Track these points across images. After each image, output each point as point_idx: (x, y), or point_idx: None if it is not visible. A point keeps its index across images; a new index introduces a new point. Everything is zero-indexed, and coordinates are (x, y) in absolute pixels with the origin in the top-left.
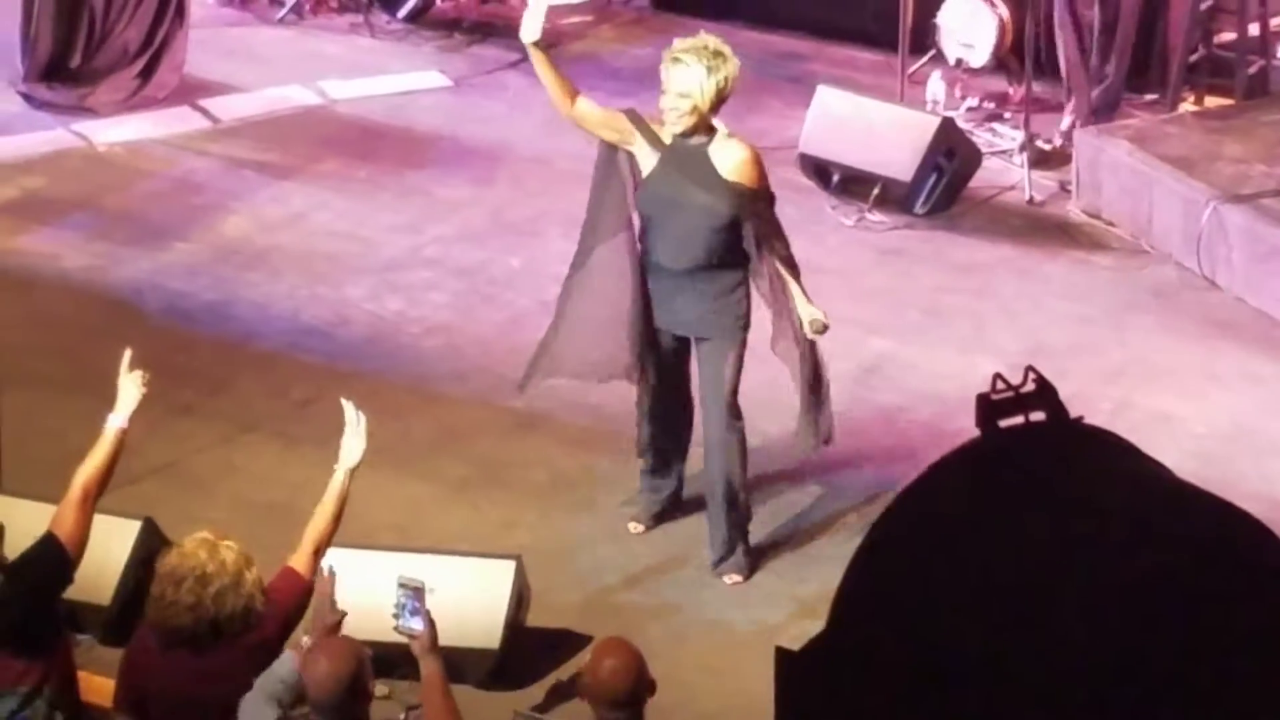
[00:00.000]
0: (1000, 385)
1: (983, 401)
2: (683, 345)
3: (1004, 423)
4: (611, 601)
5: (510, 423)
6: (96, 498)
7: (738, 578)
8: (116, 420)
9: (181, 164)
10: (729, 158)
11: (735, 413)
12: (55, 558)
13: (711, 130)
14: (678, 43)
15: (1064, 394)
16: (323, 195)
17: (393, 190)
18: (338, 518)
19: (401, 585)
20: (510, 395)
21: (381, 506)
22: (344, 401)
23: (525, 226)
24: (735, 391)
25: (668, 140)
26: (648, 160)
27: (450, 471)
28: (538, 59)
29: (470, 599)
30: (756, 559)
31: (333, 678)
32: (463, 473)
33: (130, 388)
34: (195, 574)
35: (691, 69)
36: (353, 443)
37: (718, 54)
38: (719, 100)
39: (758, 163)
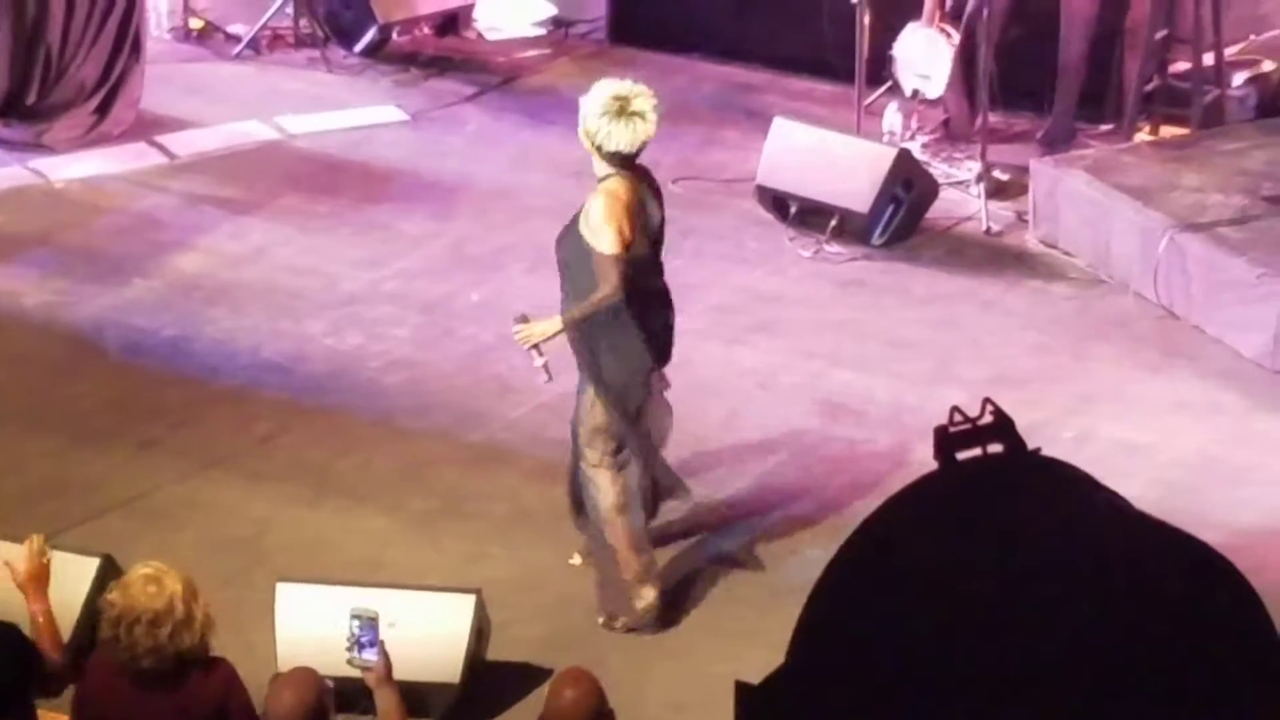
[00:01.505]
0: (958, 418)
1: (940, 434)
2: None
3: (962, 455)
4: (574, 634)
5: (472, 456)
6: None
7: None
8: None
9: (140, 200)
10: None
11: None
12: (18, 654)
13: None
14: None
15: (1026, 424)
16: (283, 230)
17: (353, 225)
18: None
19: (355, 617)
20: (472, 428)
21: (345, 541)
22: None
23: (486, 260)
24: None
25: None
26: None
27: (413, 505)
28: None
29: (430, 633)
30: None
31: (296, 709)
32: (425, 506)
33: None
34: (147, 618)
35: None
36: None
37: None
38: (593, 147)
39: (600, 208)
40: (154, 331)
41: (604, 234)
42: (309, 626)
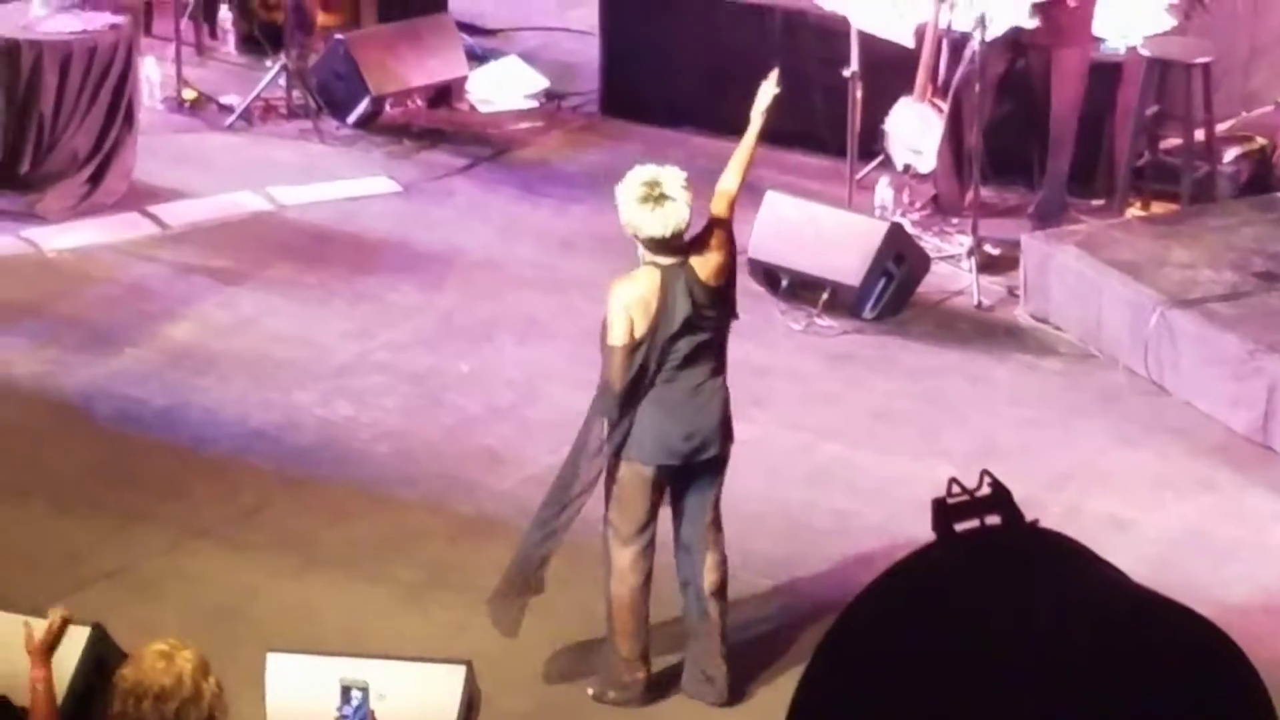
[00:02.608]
0: (955, 489)
1: (938, 505)
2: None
3: (959, 526)
4: (560, 708)
5: (460, 527)
6: None
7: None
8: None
9: (131, 270)
10: None
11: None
12: None
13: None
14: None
15: (1015, 496)
16: (273, 301)
17: (343, 296)
18: None
19: (344, 686)
20: (461, 500)
21: (330, 611)
22: None
23: (476, 331)
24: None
25: None
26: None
27: (400, 575)
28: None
29: (420, 705)
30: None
31: None
32: (413, 577)
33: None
34: (154, 692)
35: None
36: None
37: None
38: (633, 235)
39: (610, 297)
40: (143, 401)
41: (611, 322)
42: (299, 697)
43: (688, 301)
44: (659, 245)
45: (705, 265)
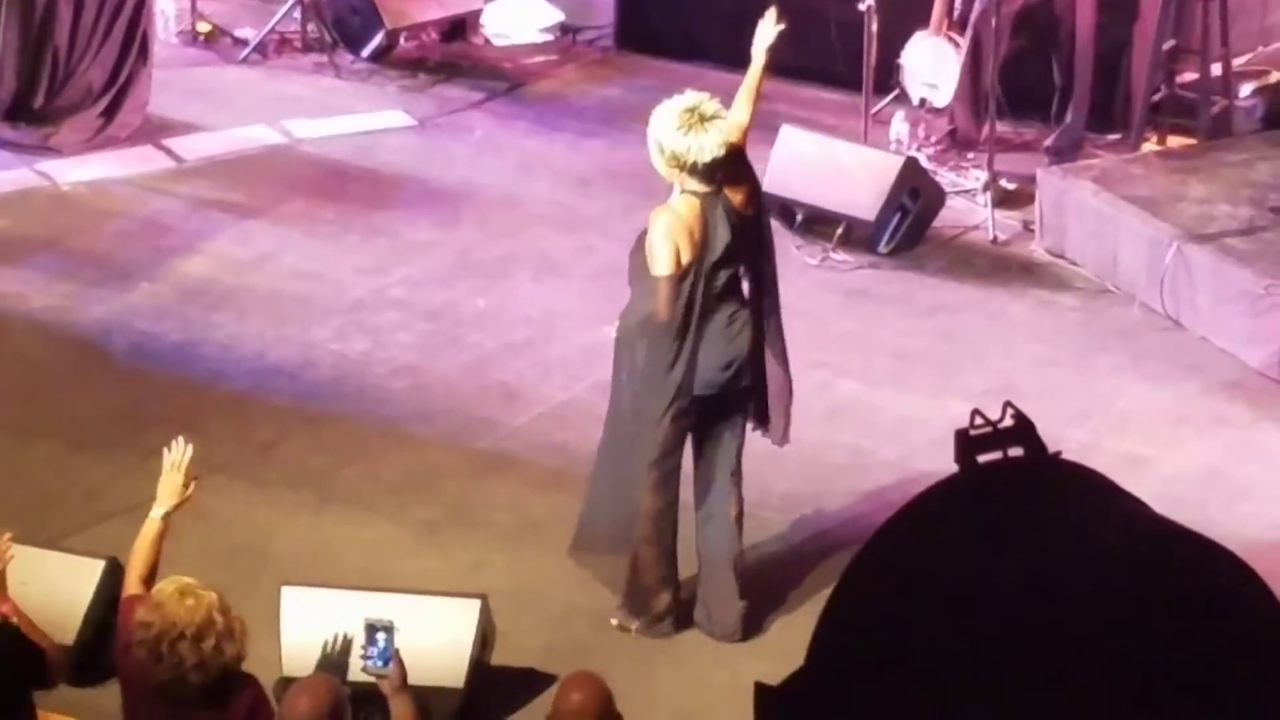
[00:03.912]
0: (979, 421)
1: (961, 437)
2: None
3: (982, 458)
4: (579, 643)
5: (478, 464)
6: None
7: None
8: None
9: (147, 204)
10: None
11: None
12: (21, 653)
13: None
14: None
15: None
16: (289, 236)
17: (359, 231)
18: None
19: (369, 625)
20: (477, 436)
21: (348, 548)
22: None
23: (492, 268)
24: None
25: None
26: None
27: (418, 513)
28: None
29: (435, 638)
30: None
31: (313, 715)
32: (430, 514)
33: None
34: (190, 633)
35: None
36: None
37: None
38: (682, 167)
39: (653, 227)
40: (159, 336)
41: (656, 252)
42: (314, 630)
43: (727, 229)
44: (707, 171)
45: (736, 194)
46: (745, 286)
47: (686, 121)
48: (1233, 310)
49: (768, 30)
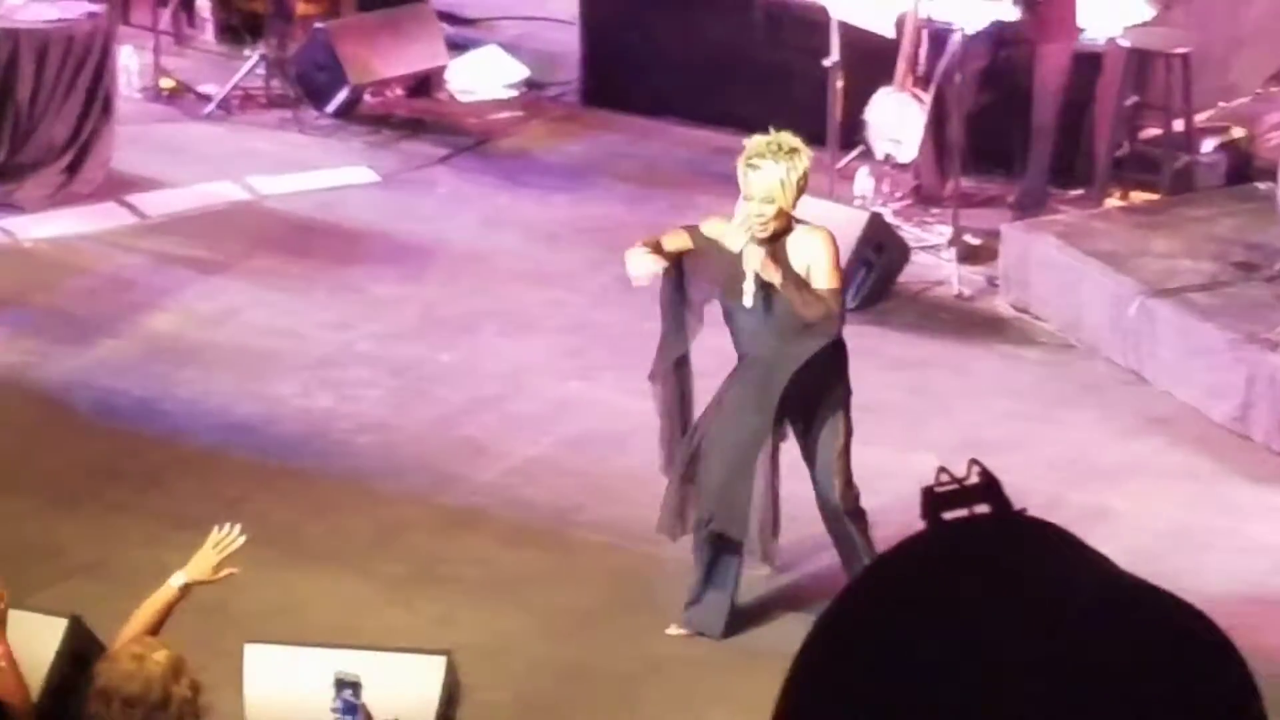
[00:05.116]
0: (944, 478)
1: (927, 494)
2: None
3: (948, 515)
4: (545, 698)
5: (445, 520)
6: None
7: None
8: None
9: (111, 260)
10: (805, 250)
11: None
12: None
13: (790, 225)
14: (750, 145)
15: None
16: (254, 291)
17: (324, 286)
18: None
19: (338, 682)
20: (444, 491)
21: (316, 605)
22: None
23: (459, 323)
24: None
25: (738, 246)
26: (724, 269)
27: (384, 569)
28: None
29: (401, 695)
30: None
31: None
32: (397, 570)
33: (207, 558)
34: (121, 696)
35: (770, 171)
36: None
37: (792, 150)
38: (799, 195)
39: (832, 245)
40: (124, 392)
41: (839, 263)
42: (277, 689)
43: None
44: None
45: None
46: None
47: (743, 160)
48: (1196, 364)
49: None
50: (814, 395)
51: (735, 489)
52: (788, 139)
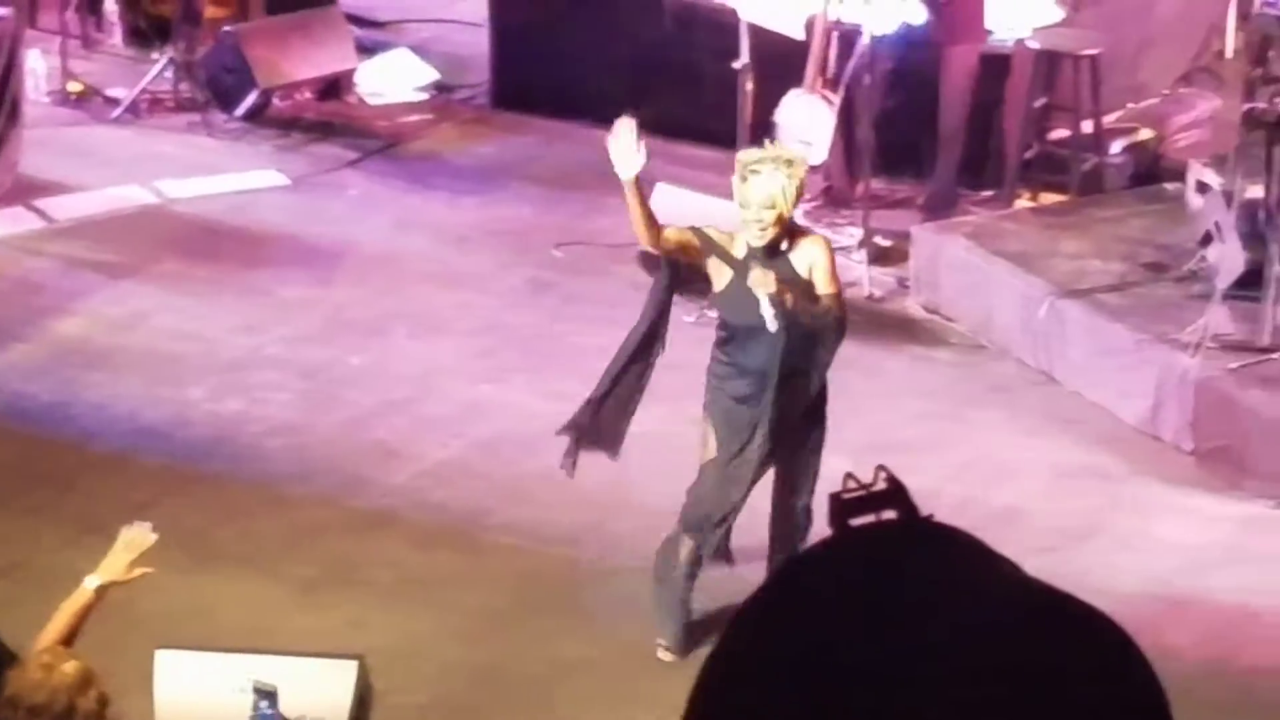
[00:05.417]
0: (852, 484)
1: (834, 500)
2: None
3: (855, 521)
4: (457, 701)
5: (356, 522)
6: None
7: None
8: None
9: (18, 264)
10: (806, 257)
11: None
12: None
13: (789, 232)
14: (745, 155)
15: (910, 491)
16: (162, 295)
17: (233, 290)
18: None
19: (256, 690)
20: (355, 494)
21: (227, 608)
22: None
23: (369, 325)
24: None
25: (741, 253)
26: (721, 275)
27: (295, 572)
28: (631, 192)
29: (312, 701)
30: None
31: None
32: (308, 573)
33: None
34: (26, 705)
35: (771, 178)
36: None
37: (790, 160)
38: (798, 202)
39: (831, 251)
40: (33, 396)
41: (838, 268)
42: (189, 695)
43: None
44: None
45: None
46: None
47: (740, 169)
48: (1106, 365)
49: (626, 147)
50: (808, 414)
51: (730, 511)
52: (784, 149)
